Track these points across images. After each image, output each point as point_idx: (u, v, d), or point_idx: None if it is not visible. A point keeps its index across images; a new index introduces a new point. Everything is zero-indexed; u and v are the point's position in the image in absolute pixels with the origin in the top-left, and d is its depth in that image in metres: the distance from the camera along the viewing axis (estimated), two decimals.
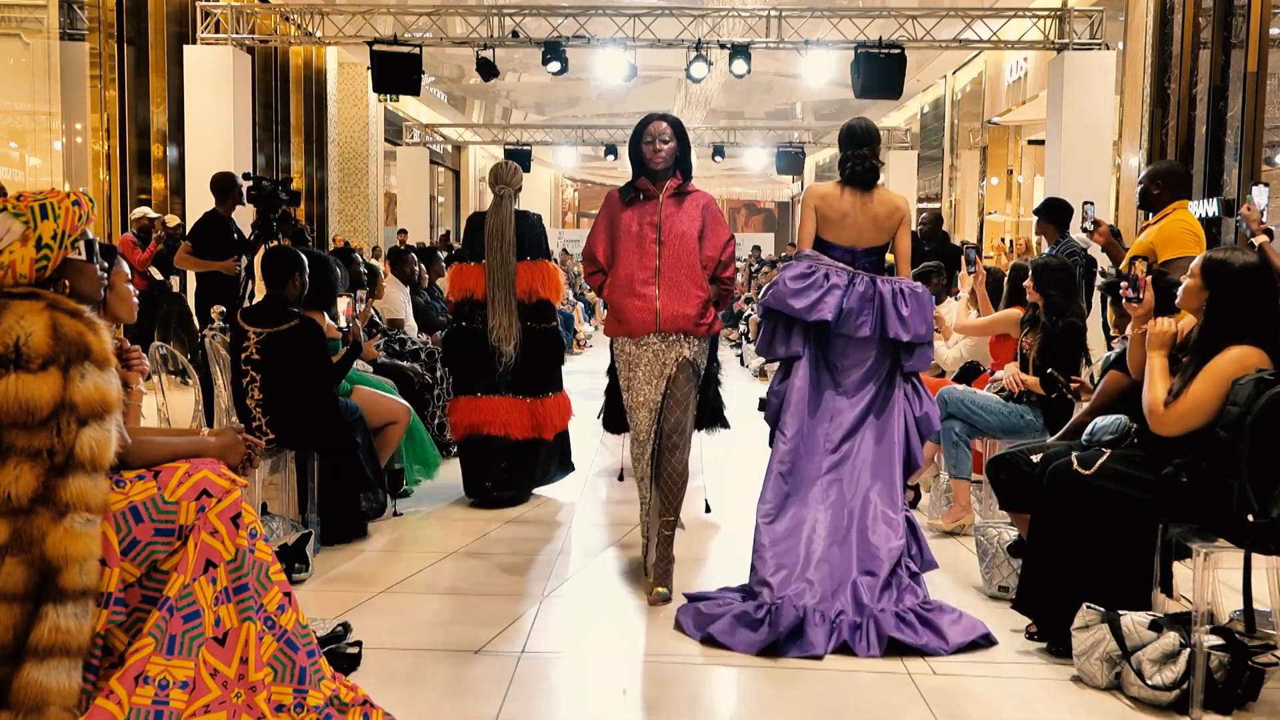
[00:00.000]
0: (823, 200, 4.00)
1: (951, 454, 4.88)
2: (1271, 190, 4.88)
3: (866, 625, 3.55)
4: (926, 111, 20.81)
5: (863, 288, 3.92)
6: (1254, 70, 9.03)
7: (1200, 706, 3.01)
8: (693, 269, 4.01)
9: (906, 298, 3.91)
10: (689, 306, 4.00)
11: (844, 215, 3.98)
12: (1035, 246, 10.46)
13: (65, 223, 2.47)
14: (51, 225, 2.45)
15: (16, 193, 2.49)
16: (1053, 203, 6.44)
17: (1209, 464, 3.10)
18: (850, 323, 3.90)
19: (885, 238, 4.03)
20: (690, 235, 4.02)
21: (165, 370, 4.44)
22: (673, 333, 4.02)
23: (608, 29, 12.08)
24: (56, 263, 2.47)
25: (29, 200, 2.46)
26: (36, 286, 2.43)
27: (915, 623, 3.57)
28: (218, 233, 7.14)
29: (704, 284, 4.04)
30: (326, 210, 16.78)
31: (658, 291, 3.99)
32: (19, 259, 2.42)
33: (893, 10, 11.92)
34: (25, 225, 2.43)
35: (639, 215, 4.04)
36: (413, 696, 3.09)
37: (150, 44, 11.87)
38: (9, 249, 2.41)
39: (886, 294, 3.91)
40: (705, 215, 4.07)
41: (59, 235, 2.46)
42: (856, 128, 4.07)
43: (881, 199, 4.00)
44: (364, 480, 4.82)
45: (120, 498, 2.48)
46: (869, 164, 3.99)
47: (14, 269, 2.42)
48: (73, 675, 2.30)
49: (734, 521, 4.98)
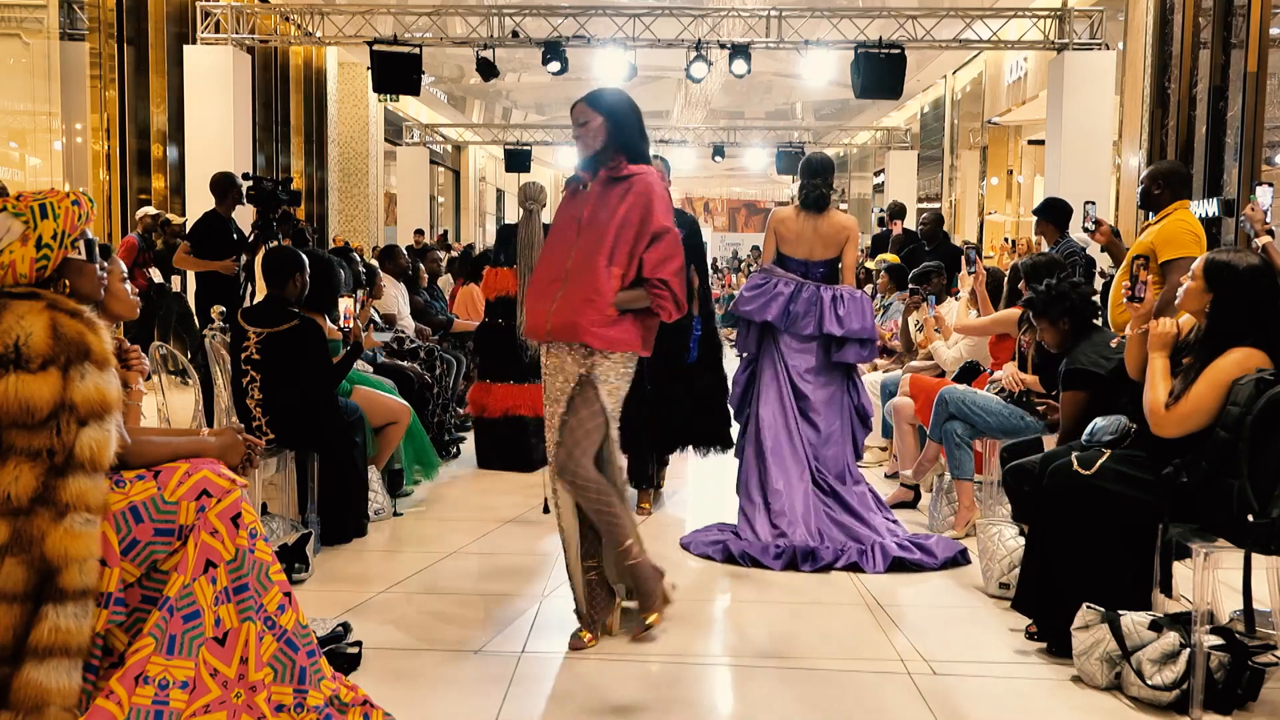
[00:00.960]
0: (781, 223, 4.86)
1: (954, 455, 4.88)
2: (1275, 190, 4.86)
3: (872, 549, 4.44)
4: (926, 111, 20.81)
5: (808, 294, 4.77)
6: (1254, 70, 9.03)
7: (1200, 706, 3.01)
8: (595, 270, 3.33)
9: (844, 301, 4.75)
10: (581, 313, 3.30)
11: (799, 234, 4.82)
12: (1035, 246, 10.46)
13: (65, 222, 2.47)
14: (52, 225, 2.45)
15: (16, 193, 2.48)
16: (1052, 203, 6.43)
17: (1209, 464, 3.10)
18: (797, 323, 4.77)
19: (835, 252, 4.81)
20: (608, 227, 3.34)
21: (165, 370, 4.43)
22: (566, 343, 3.39)
23: (608, 29, 12.08)
24: (56, 263, 2.47)
25: (29, 200, 2.46)
26: (36, 286, 2.43)
27: (911, 546, 4.49)
28: (217, 233, 7.14)
29: (611, 287, 3.32)
30: (326, 210, 16.78)
31: (561, 292, 3.37)
32: (19, 259, 2.42)
33: (893, 10, 11.92)
34: (25, 225, 2.42)
35: (570, 208, 3.52)
36: (413, 696, 3.09)
37: (150, 44, 11.87)
38: (9, 249, 2.41)
39: (827, 298, 4.75)
40: (639, 203, 3.35)
41: (59, 235, 2.46)
42: (813, 160, 4.91)
43: (831, 220, 4.81)
44: (363, 481, 4.83)
45: (120, 498, 2.48)
46: (820, 191, 4.78)
47: (14, 269, 2.41)
48: (73, 675, 2.30)
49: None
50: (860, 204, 27.53)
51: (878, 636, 3.68)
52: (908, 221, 11.49)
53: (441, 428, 6.60)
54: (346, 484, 4.69)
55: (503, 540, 4.91)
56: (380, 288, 7.19)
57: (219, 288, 6.93)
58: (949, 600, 4.10)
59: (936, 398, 4.98)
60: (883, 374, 6.55)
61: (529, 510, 5.45)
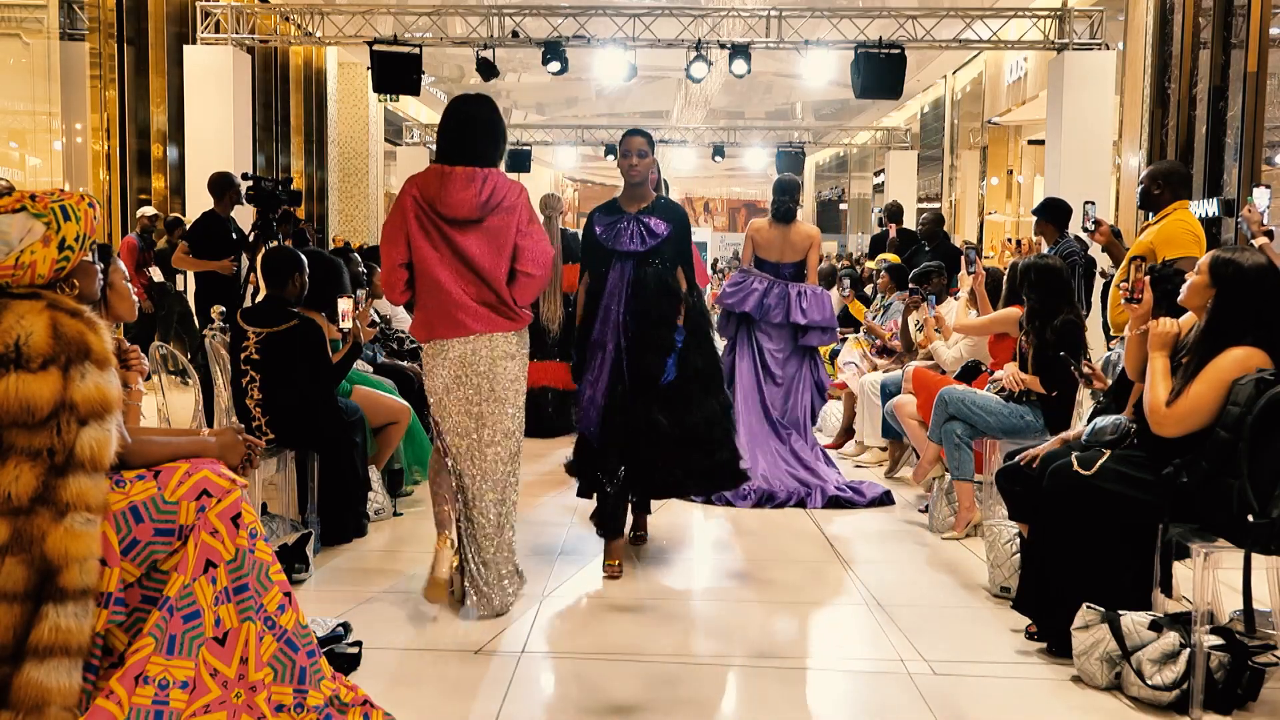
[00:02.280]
0: (757, 232, 6.02)
1: (954, 456, 4.87)
2: (1272, 191, 4.87)
3: (815, 492, 5.61)
4: (926, 111, 20.81)
5: (778, 290, 5.90)
6: (1254, 70, 9.04)
7: (1200, 706, 3.01)
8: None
9: (808, 295, 5.90)
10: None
11: (770, 241, 5.94)
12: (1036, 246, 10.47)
13: (85, 225, 2.50)
14: (74, 227, 2.47)
15: (29, 193, 2.49)
16: (1052, 203, 6.44)
17: (1209, 464, 3.10)
18: (769, 314, 5.90)
19: (801, 256, 5.95)
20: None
21: (165, 370, 4.43)
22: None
23: (608, 29, 12.08)
24: (75, 264, 2.48)
25: (46, 201, 2.47)
26: (38, 286, 2.43)
27: (845, 489, 5.67)
28: (216, 233, 7.13)
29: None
30: (326, 210, 16.79)
31: None
32: (40, 259, 2.42)
33: (893, 10, 11.92)
34: (47, 226, 2.43)
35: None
36: (413, 696, 3.09)
37: (150, 44, 11.87)
38: (30, 248, 2.41)
39: (793, 294, 5.88)
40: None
41: (81, 238, 2.48)
42: (783, 180, 6.02)
43: (798, 229, 5.97)
44: (364, 481, 4.82)
45: (120, 498, 2.48)
46: (788, 206, 5.93)
47: (34, 269, 2.42)
48: (73, 675, 2.30)
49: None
50: (860, 204, 27.55)
51: (878, 636, 3.68)
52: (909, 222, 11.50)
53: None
54: (346, 484, 4.69)
55: None
56: (379, 287, 7.18)
57: (219, 288, 6.93)
58: (949, 600, 4.10)
59: (936, 398, 4.98)
60: (883, 374, 6.55)
61: (529, 510, 5.45)
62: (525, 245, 3.72)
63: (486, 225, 3.68)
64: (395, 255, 3.74)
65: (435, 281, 3.69)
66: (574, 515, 5.34)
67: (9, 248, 2.39)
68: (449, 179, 3.67)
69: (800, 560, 4.66)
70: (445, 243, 3.68)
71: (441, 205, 3.65)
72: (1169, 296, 3.51)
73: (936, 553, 4.78)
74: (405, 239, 3.70)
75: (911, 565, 4.59)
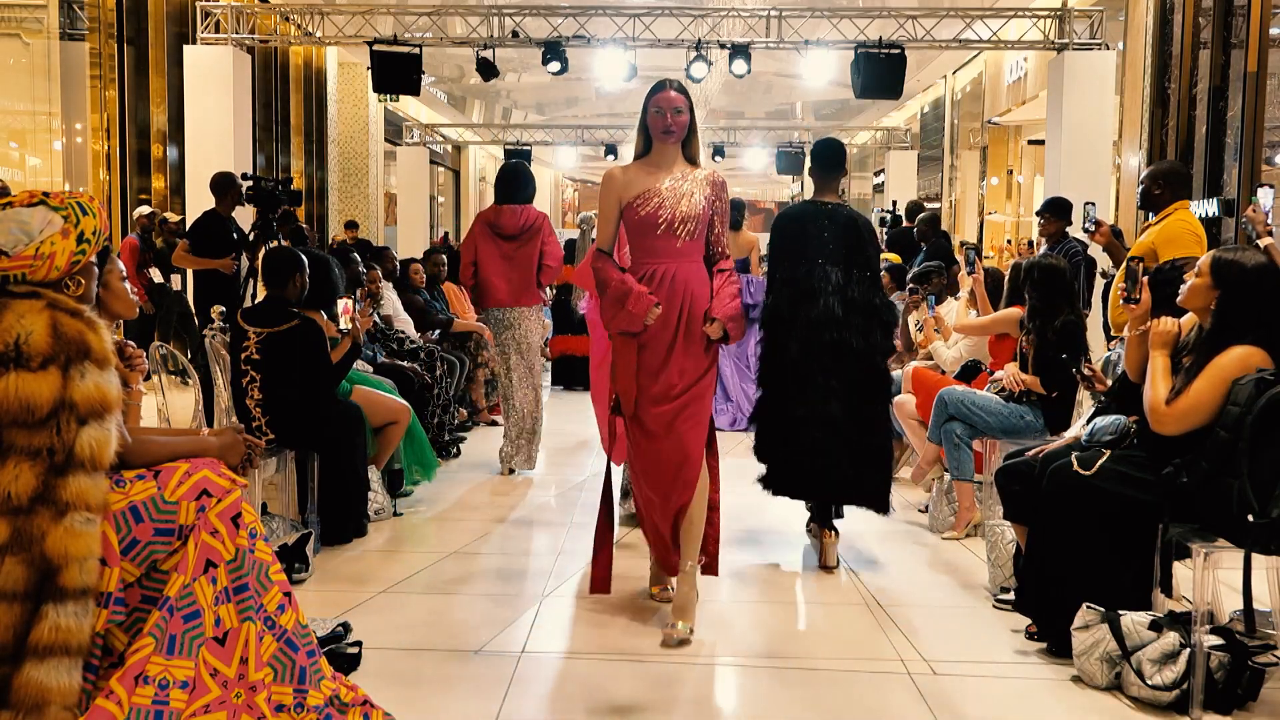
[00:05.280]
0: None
1: (954, 456, 4.87)
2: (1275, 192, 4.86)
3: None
4: (926, 111, 20.80)
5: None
6: (1254, 70, 9.03)
7: (1200, 706, 3.01)
8: None
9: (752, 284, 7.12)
10: None
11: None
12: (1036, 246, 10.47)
13: (101, 221, 2.54)
14: (92, 222, 2.51)
15: (43, 190, 2.52)
16: (1057, 200, 6.53)
17: (1209, 464, 3.10)
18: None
19: (744, 254, 7.80)
20: None
21: (165, 370, 4.43)
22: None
23: (608, 29, 12.07)
24: (89, 259, 2.51)
25: (62, 198, 2.51)
26: (38, 285, 2.44)
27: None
28: (216, 232, 7.14)
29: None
30: (326, 210, 16.78)
31: None
32: (59, 251, 2.45)
33: (893, 10, 11.91)
34: (65, 220, 2.47)
35: None
36: (413, 696, 3.09)
37: (150, 44, 11.86)
38: (49, 239, 2.44)
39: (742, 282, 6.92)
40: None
41: (97, 232, 2.52)
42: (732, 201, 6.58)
43: (743, 236, 7.98)
44: (364, 481, 4.82)
45: (120, 497, 2.48)
46: (736, 217, 7.34)
47: (52, 260, 2.44)
48: (73, 674, 2.30)
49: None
50: (860, 204, 27.54)
51: (878, 636, 3.68)
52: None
53: (441, 428, 6.59)
54: (346, 484, 4.69)
55: (503, 540, 4.91)
56: (378, 286, 7.18)
57: (219, 287, 6.93)
58: (949, 600, 4.10)
59: (936, 398, 4.98)
60: None
61: (529, 510, 5.45)
62: (548, 250, 6.14)
63: (523, 239, 6.06)
64: (468, 256, 6.15)
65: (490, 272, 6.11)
66: (573, 516, 5.34)
67: (29, 238, 2.42)
68: (502, 212, 6.11)
69: (800, 560, 4.66)
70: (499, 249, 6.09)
71: (498, 228, 6.08)
72: (1169, 297, 3.52)
73: (936, 553, 4.78)
74: (474, 246, 6.11)
75: (911, 565, 4.59)
